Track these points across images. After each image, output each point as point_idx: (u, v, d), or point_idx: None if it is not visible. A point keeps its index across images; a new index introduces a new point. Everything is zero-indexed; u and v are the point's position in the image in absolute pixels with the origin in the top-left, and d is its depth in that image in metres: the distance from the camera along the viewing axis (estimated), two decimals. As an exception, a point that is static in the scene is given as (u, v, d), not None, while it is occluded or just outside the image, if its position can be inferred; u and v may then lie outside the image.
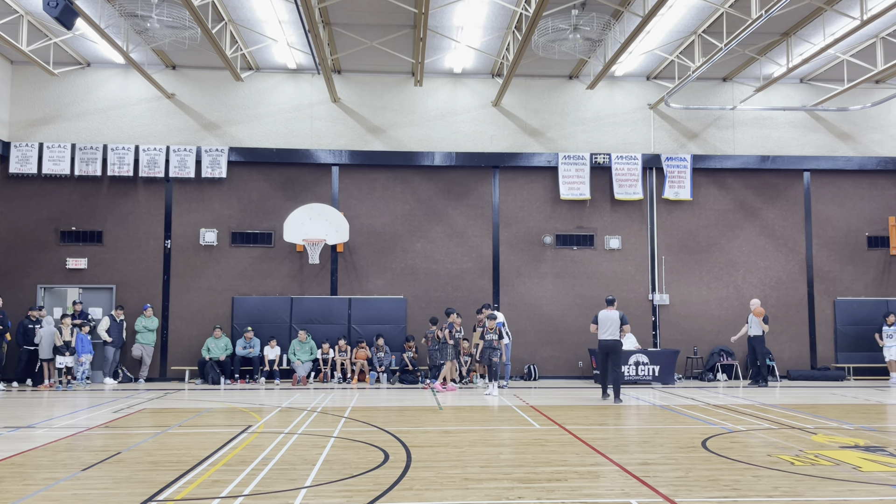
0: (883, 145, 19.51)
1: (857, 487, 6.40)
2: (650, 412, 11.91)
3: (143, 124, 18.48)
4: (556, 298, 18.67)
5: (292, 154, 18.53)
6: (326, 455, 7.90)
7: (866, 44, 16.92)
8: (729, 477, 6.82)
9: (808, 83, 19.49)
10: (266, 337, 17.44)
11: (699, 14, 15.57)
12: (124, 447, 8.41)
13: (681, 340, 18.59)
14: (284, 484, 6.52)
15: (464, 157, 18.74)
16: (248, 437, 9.19)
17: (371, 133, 18.81)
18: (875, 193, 19.47)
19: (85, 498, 6.06)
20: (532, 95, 19.13)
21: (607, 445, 8.53)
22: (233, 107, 18.71)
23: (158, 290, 18.11)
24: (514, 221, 18.88)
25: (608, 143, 19.11)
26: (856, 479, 6.71)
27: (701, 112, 19.32)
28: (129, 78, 18.50)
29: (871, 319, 18.31)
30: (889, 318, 17.60)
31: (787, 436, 9.30)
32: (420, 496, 6.07)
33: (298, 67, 18.67)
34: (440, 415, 11.50)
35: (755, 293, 18.64)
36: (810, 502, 5.88)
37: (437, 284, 18.56)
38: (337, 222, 17.75)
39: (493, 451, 8.31)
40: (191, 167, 18.17)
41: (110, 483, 6.60)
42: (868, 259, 19.31)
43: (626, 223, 19.02)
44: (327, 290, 18.41)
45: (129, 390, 15.53)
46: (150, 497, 6.05)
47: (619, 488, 6.36)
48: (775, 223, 19.28)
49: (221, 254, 18.34)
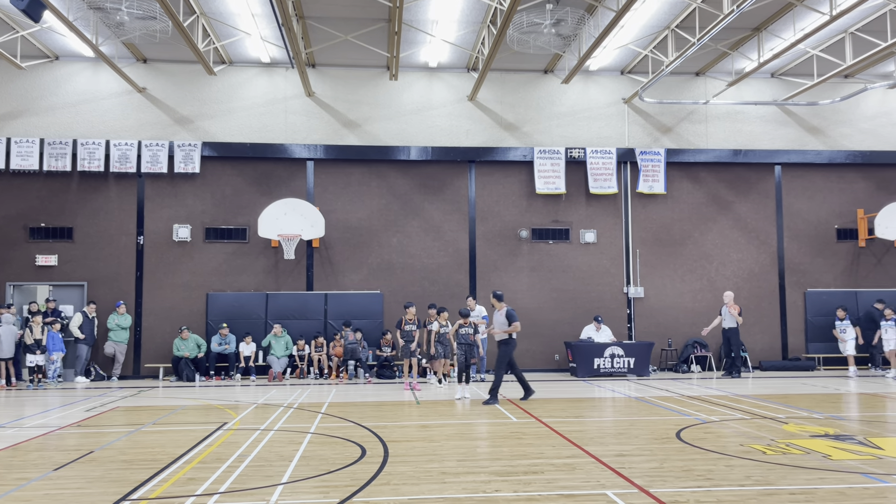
0: (851, 139, 19.84)
1: (827, 476, 6.52)
2: (626, 404, 12.03)
3: (114, 119, 18.21)
4: (532, 292, 18.75)
5: (266, 149, 18.38)
6: (303, 451, 7.88)
7: (835, 39, 17.18)
8: (702, 467, 6.92)
9: (779, 78, 19.75)
10: (241, 333, 17.30)
11: (672, 9, 15.69)
12: (97, 446, 8.30)
13: (655, 333, 18.78)
14: (261, 481, 6.49)
15: (440, 151, 18.72)
16: (223, 434, 9.13)
17: (346, 127, 18.71)
18: (844, 187, 19.80)
19: (57, 498, 5.97)
20: (507, 90, 19.16)
21: (583, 438, 8.60)
22: (206, 101, 18.50)
23: (131, 287, 17.89)
24: (490, 216, 18.92)
25: (583, 137, 19.21)
26: (825, 468, 6.84)
27: (674, 106, 19.49)
28: (99, 71, 18.20)
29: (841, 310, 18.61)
30: (840, 312, 17.79)
31: (760, 426, 9.44)
32: (397, 491, 6.08)
33: (272, 61, 18.51)
34: (417, 409, 11.51)
35: (728, 285, 18.88)
36: (781, 491, 5.98)
37: (413, 279, 18.54)
38: (312, 217, 17.66)
39: (470, 444, 8.34)
40: (163, 162, 17.94)
41: (83, 482, 6.52)
42: (837, 251, 19.65)
43: (601, 217, 19.15)
44: (303, 285, 18.31)
45: (102, 388, 15.33)
46: (123, 496, 5.98)
47: (595, 480, 6.42)
48: (747, 216, 19.53)
49: (195, 250, 18.15)
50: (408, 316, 15.22)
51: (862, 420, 9.99)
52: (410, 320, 15.22)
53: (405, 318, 15.22)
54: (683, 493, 5.95)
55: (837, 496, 5.81)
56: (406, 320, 15.20)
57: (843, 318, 17.73)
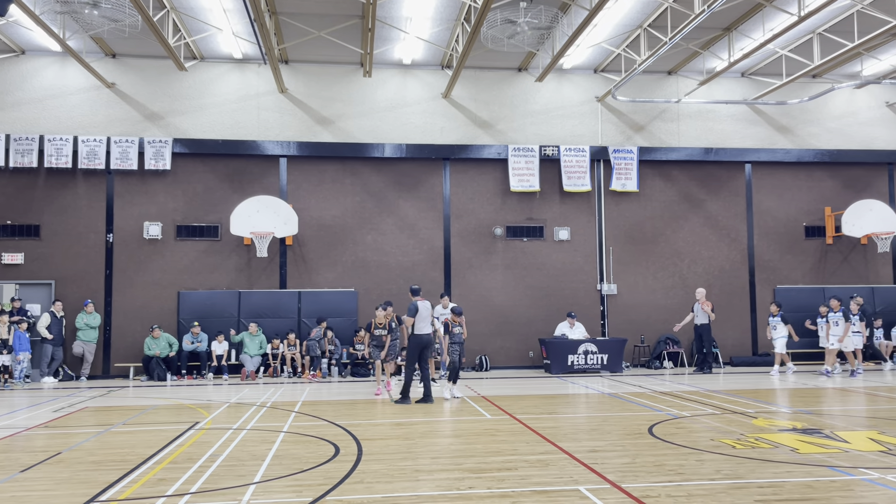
0: (819, 138, 20.18)
1: (795, 469, 6.63)
2: (599, 400, 12.12)
3: (82, 114, 17.90)
4: (506, 289, 18.81)
5: (239, 145, 18.20)
6: (276, 450, 7.82)
7: (804, 39, 17.44)
8: (674, 462, 6.99)
9: (749, 77, 20.02)
10: (214, 332, 17.13)
11: (644, 8, 15.81)
12: (65, 447, 8.16)
13: (628, 329, 18.94)
14: (233, 480, 6.43)
15: (414, 148, 18.69)
16: (195, 433, 9.03)
17: (320, 124, 18.60)
18: (812, 185, 20.13)
19: (24, 500, 5.86)
20: (482, 87, 19.18)
21: (557, 434, 8.65)
22: (176, 97, 18.27)
23: (100, 286, 17.61)
24: (464, 213, 18.94)
25: (557, 135, 19.30)
26: (793, 461, 6.95)
27: (647, 105, 19.66)
28: (67, 66, 17.88)
29: (808, 307, 18.87)
30: (773, 308, 16.94)
31: (730, 420, 9.57)
32: (370, 489, 6.06)
33: (244, 57, 18.32)
34: (391, 407, 11.49)
35: (700, 282, 19.10)
36: (750, 484, 6.06)
37: (388, 277, 18.50)
38: (285, 215, 17.53)
39: (444, 442, 8.35)
40: (133, 159, 17.68)
41: (51, 484, 6.40)
42: (806, 248, 19.98)
43: (574, 214, 19.26)
44: (276, 283, 18.17)
45: (71, 388, 15.08)
46: (92, 497, 5.89)
47: (568, 476, 6.46)
48: (718, 214, 19.78)
49: (166, 247, 17.93)
50: (377, 320, 13.38)
51: (829, 414, 10.17)
52: (381, 324, 13.35)
53: (375, 322, 13.43)
54: (655, 487, 6.00)
55: (805, 489, 5.90)
56: (376, 324, 13.40)
57: (777, 314, 16.73)
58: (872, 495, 5.70)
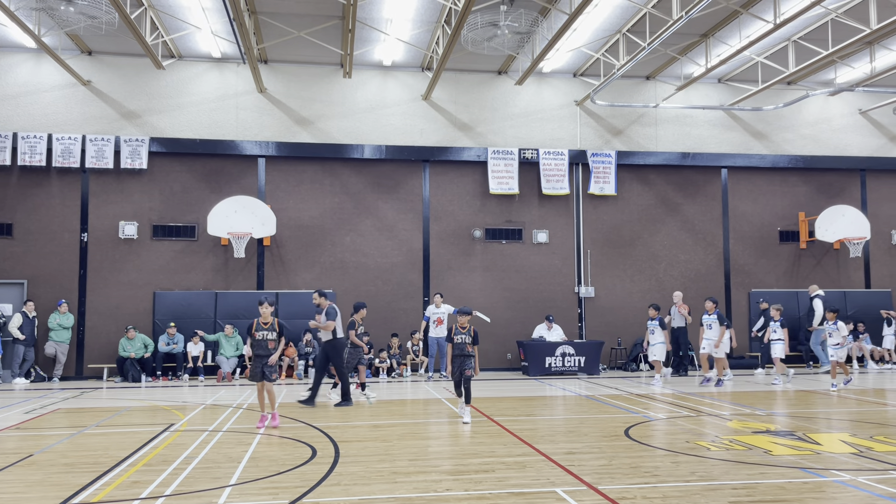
0: (794, 144, 20.47)
1: (768, 471, 6.71)
2: (576, 402, 12.18)
3: (57, 112, 17.65)
4: (485, 291, 18.84)
5: (217, 145, 18.06)
6: (252, 452, 7.76)
7: (779, 47, 17.69)
8: (650, 464, 7.04)
9: (726, 83, 20.26)
10: (190, 333, 16.96)
11: (624, 13, 15.94)
12: (37, 449, 8.04)
13: (605, 332, 19.06)
14: (208, 483, 6.37)
15: (394, 150, 18.67)
16: (170, 435, 8.93)
17: (299, 125, 18.51)
18: (786, 190, 20.42)
19: (-7, 504, 5.77)
20: (462, 90, 19.21)
21: (534, 436, 8.68)
22: (154, 96, 18.08)
23: (74, 285, 17.37)
24: (444, 215, 18.95)
25: (536, 138, 19.39)
26: (767, 463, 7.04)
27: (625, 109, 19.82)
28: (42, 63, 17.63)
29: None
30: (708, 305, 15.30)
31: (705, 423, 9.67)
32: (347, 491, 6.04)
33: (223, 56, 18.19)
34: (369, 409, 11.45)
35: (676, 286, 19.27)
36: (725, 486, 6.13)
37: (367, 278, 18.45)
38: (263, 215, 17.42)
39: (421, 444, 8.34)
40: (109, 157, 17.46)
41: (22, 487, 6.30)
42: (780, 252, 20.25)
43: (553, 217, 19.35)
44: (253, 284, 18.05)
45: (43, 390, 14.85)
46: (64, 500, 5.80)
47: (546, 478, 6.48)
48: (695, 218, 19.98)
49: (142, 247, 17.73)
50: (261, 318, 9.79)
51: (801, 416, 10.31)
52: (266, 323, 9.74)
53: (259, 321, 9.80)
54: (631, 489, 6.05)
55: (778, 490, 5.98)
56: (259, 323, 9.76)
57: (713, 312, 15.22)
58: (844, 497, 5.78)
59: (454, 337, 10.17)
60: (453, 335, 10.18)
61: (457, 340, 10.13)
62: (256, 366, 9.64)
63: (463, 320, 10.23)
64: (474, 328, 10.17)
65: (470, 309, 10.47)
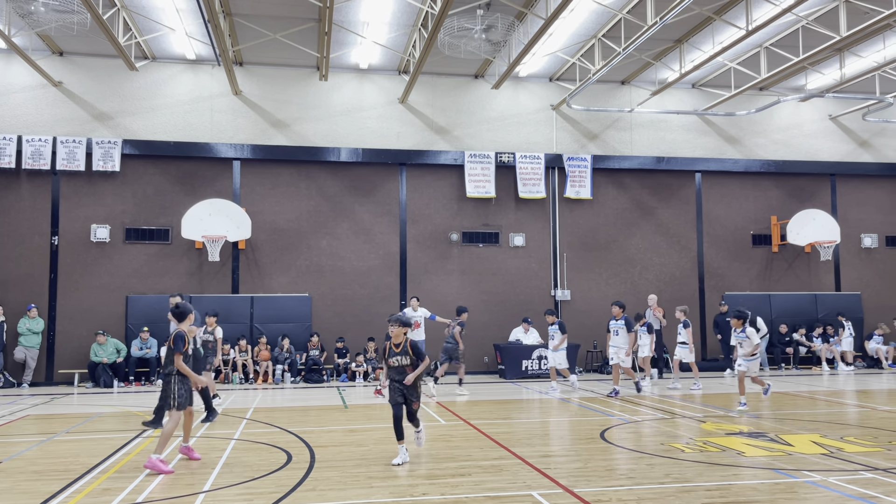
0: (766, 149, 20.77)
1: (741, 472, 6.79)
2: (552, 405, 12.22)
3: (27, 113, 17.37)
4: (462, 295, 18.83)
5: (191, 147, 17.88)
6: (226, 458, 7.68)
7: (751, 53, 17.94)
8: (625, 466, 7.09)
9: (700, 88, 20.50)
10: (163, 337, 16.74)
11: (599, 18, 16.07)
12: (5, 457, 7.89)
13: (581, 335, 19.14)
14: (182, 489, 6.29)
15: (370, 153, 18.62)
16: (142, 441, 8.81)
17: (274, 127, 18.40)
18: (759, 194, 20.70)
19: (-41, 513, 5.65)
20: (439, 94, 19.22)
21: (511, 439, 8.69)
22: (127, 97, 17.86)
23: (44, 289, 17.08)
24: (421, 218, 18.93)
25: (513, 142, 19.45)
26: (739, 464, 7.12)
27: (601, 114, 19.96)
28: (11, 63, 17.33)
29: (755, 313, 19.38)
30: (615, 310, 14.15)
31: (679, 425, 9.75)
32: (323, 496, 6.00)
33: (198, 58, 18.02)
34: (345, 414, 11.40)
35: (651, 289, 19.43)
36: (698, 487, 6.19)
37: (343, 282, 18.37)
38: (238, 218, 17.28)
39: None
40: (80, 160, 17.21)
41: (-12, 496, 6.18)
42: (753, 256, 20.52)
43: (529, 221, 19.42)
44: (228, 288, 17.88)
45: (12, 396, 14.57)
46: (33, 509, 5.70)
47: (522, 481, 6.49)
48: (669, 222, 20.17)
49: (115, 251, 17.49)
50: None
51: (774, 418, 10.44)
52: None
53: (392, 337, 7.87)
54: (606, 492, 6.08)
55: (750, 491, 6.05)
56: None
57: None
58: (815, 497, 5.87)
59: (388, 359, 7.60)
60: (386, 356, 7.63)
61: (392, 363, 7.55)
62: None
63: (398, 333, 7.59)
64: (411, 341, 7.63)
65: (406, 318, 7.86)
